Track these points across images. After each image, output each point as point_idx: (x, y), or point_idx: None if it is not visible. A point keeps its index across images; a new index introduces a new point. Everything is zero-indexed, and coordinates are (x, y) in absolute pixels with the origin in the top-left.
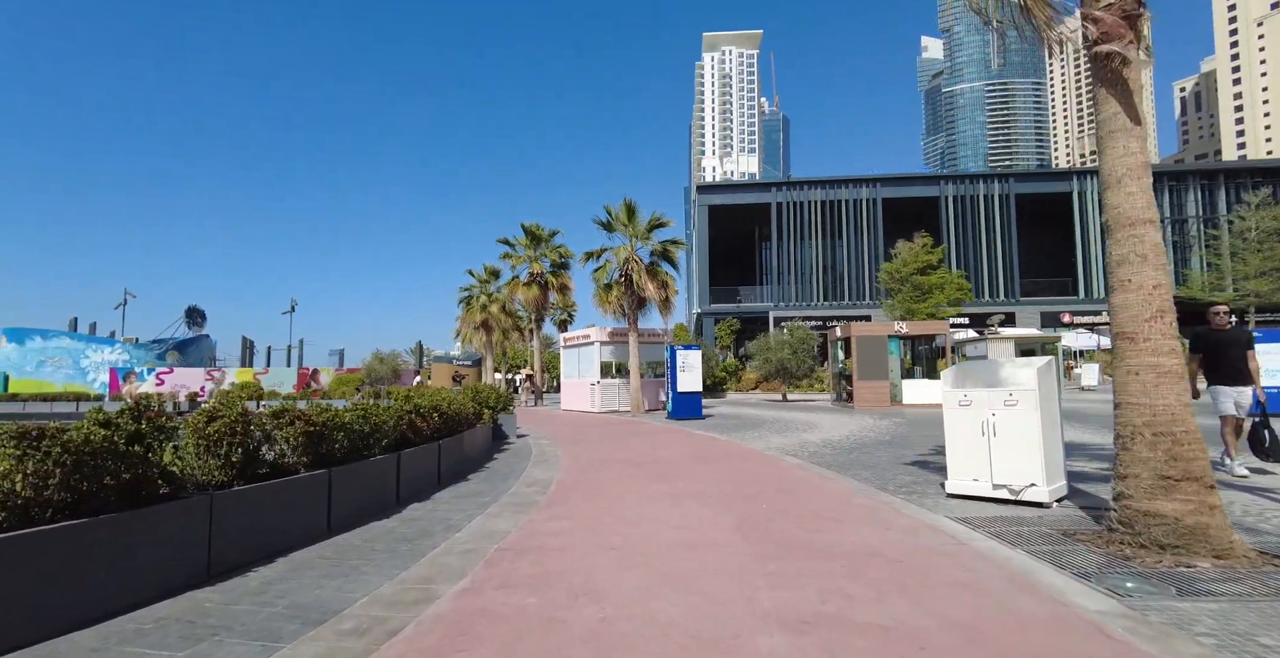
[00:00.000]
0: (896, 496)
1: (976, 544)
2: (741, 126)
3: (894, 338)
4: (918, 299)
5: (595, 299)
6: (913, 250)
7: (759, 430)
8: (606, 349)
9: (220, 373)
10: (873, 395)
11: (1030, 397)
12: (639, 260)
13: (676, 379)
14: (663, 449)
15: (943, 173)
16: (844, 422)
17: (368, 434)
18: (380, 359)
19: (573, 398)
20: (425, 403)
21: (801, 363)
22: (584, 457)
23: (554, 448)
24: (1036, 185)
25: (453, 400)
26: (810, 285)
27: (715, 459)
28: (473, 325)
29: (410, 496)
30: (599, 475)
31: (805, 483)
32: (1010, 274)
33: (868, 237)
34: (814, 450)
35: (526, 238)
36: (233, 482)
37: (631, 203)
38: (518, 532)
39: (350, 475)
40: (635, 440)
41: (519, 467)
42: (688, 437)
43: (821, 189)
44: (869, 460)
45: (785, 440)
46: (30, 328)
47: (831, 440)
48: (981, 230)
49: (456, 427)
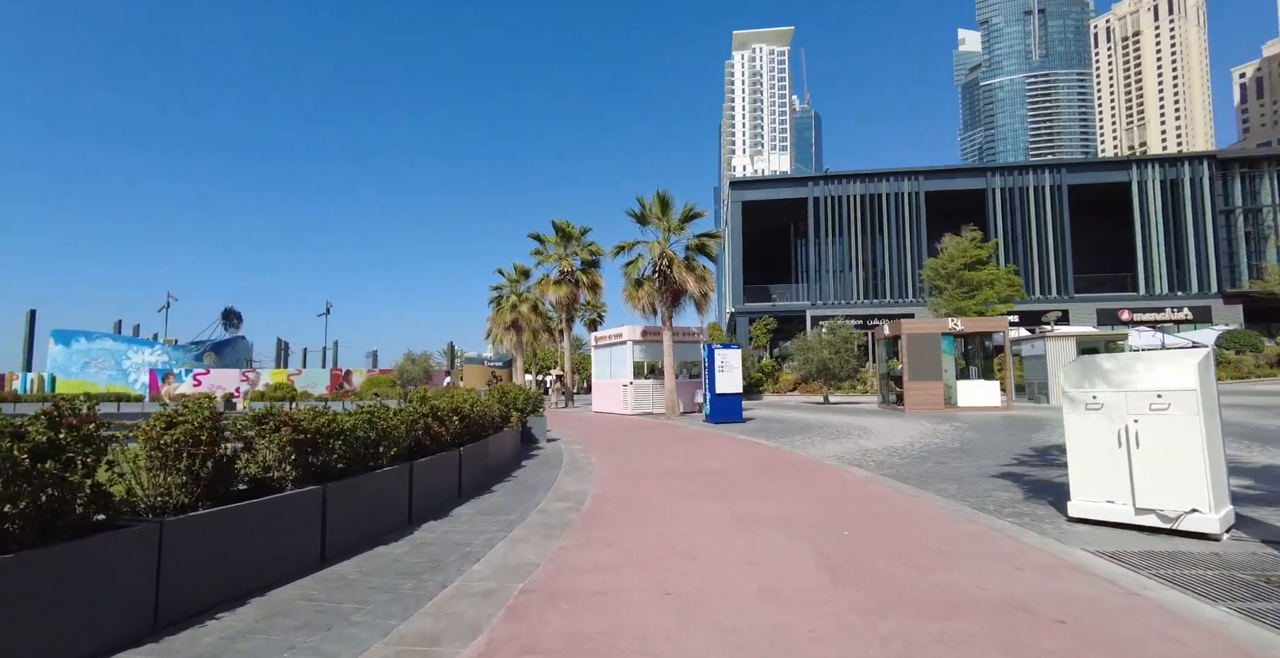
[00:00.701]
0: (1003, 518)
1: (1153, 595)
2: (772, 124)
3: (948, 336)
4: (965, 296)
5: (625, 295)
6: (960, 245)
7: (809, 436)
8: (639, 348)
9: (255, 374)
10: (925, 397)
11: (1188, 399)
12: (674, 255)
13: (715, 380)
14: (709, 458)
15: (990, 164)
16: (899, 426)
17: (374, 442)
18: (412, 360)
19: (604, 399)
20: (444, 405)
21: (845, 363)
22: (621, 465)
23: (586, 455)
24: (1091, 175)
25: (476, 402)
26: (849, 283)
27: (771, 471)
28: (503, 326)
29: (425, 512)
30: (640, 490)
31: (887, 502)
32: (1063, 269)
33: (910, 232)
34: (880, 460)
35: (557, 235)
36: (197, 503)
37: (665, 194)
38: (548, 565)
39: (350, 492)
40: (675, 447)
41: (549, 477)
42: (732, 443)
43: (860, 183)
44: (948, 472)
45: (843, 448)
46: (76, 330)
47: (895, 448)
48: (1031, 224)
49: (480, 432)
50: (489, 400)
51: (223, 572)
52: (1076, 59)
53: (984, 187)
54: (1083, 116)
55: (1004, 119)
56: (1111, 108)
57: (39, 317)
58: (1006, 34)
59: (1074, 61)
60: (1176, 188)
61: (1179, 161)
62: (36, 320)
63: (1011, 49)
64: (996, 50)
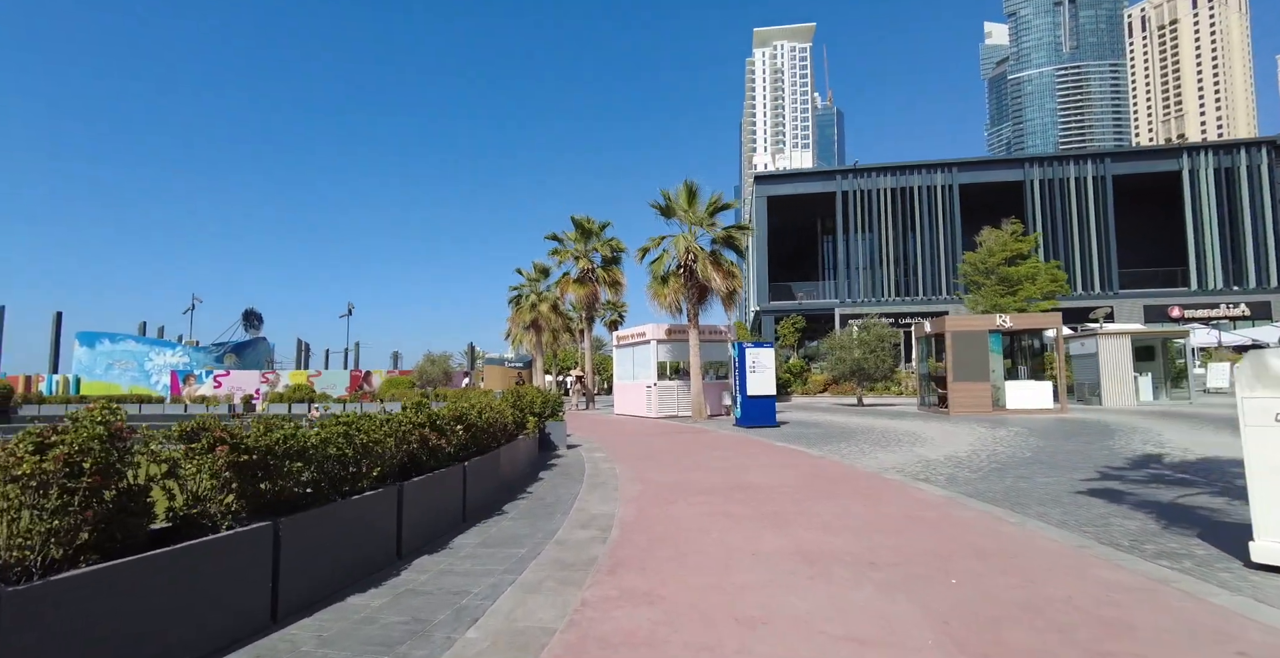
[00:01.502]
0: (1151, 560)
1: None
2: (794, 121)
3: (995, 333)
4: (1005, 292)
5: (650, 292)
6: (1000, 238)
7: (854, 443)
8: (663, 348)
9: (275, 375)
10: (970, 399)
11: None
12: (701, 249)
13: (746, 381)
14: (749, 469)
15: (1028, 155)
16: (951, 431)
17: (352, 460)
18: (431, 361)
19: (626, 401)
20: (446, 413)
21: (880, 363)
22: (649, 477)
23: (610, 464)
24: (1137, 165)
25: (486, 408)
26: (879, 280)
27: (826, 487)
28: (522, 326)
29: (420, 542)
30: (676, 512)
31: (987, 533)
32: (1107, 264)
33: (943, 226)
34: (948, 473)
35: (576, 232)
36: (78, 557)
37: (693, 184)
38: (567, 634)
39: (315, 526)
40: (708, 455)
41: (568, 493)
42: (770, 451)
43: (891, 176)
44: (1039, 490)
45: (899, 458)
46: (100, 332)
47: (959, 458)
48: (1073, 217)
49: (490, 442)
50: (501, 405)
51: (114, 653)
52: (1109, 50)
53: (1021, 178)
54: (1116, 109)
55: (1033, 113)
56: (1147, 99)
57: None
58: (1035, 26)
59: (1106, 52)
60: (1231, 176)
61: (1233, 148)
62: (63, 322)
63: (1041, 41)
64: (1025, 43)
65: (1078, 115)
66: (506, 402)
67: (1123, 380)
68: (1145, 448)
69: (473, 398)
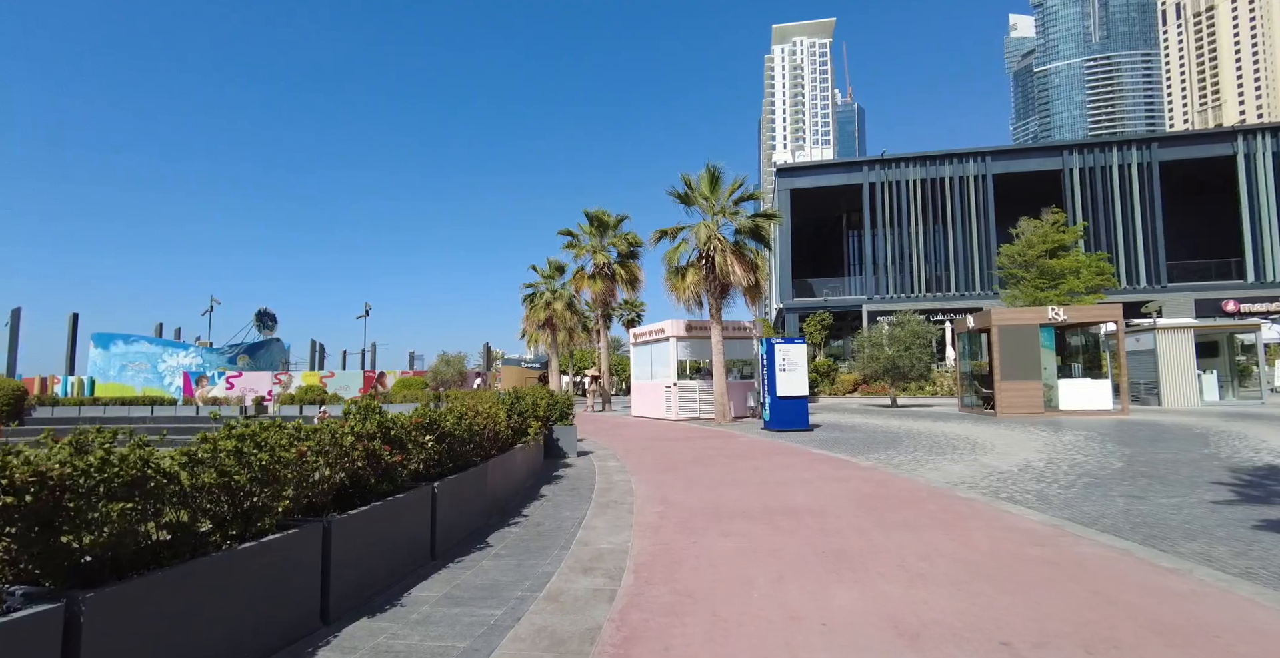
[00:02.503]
0: None
1: None
2: (814, 118)
3: (1048, 328)
4: (1046, 286)
5: (668, 285)
6: (1040, 229)
7: (904, 450)
8: (683, 346)
9: (288, 376)
10: (1020, 400)
11: None
12: (723, 239)
13: (775, 380)
14: (790, 484)
15: (1067, 142)
16: (1007, 435)
17: (243, 490)
18: (446, 361)
19: (644, 403)
20: (408, 419)
21: (916, 361)
22: (671, 497)
23: (625, 477)
24: (1187, 150)
25: (471, 413)
26: (908, 275)
27: (891, 511)
28: (537, 325)
29: (361, 597)
30: (709, 550)
31: (1153, 591)
32: (1153, 257)
33: (976, 219)
34: (1031, 488)
35: (591, 226)
36: None
37: (716, 169)
38: None
39: (157, 597)
40: (738, 465)
41: (573, 517)
42: (810, 460)
43: (920, 166)
44: (1167, 516)
45: (963, 469)
46: (114, 333)
47: (1034, 469)
48: (1116, 206)
49: (473, 455)
50: (494, 409)
51: None
52: (1141, 39)
53: (1059, 167)
54: (1149, 100)
55: (1060, 106)
56: (1182, 89)
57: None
58: (1063, 16)
59: (1138, 42)
60: None
61: None
62: (79, 324)
63: (1069, 32)
64: (1052, 34)
65: (1108, 107)
66: (502, 405)
67: (1185, 379)
68: (1260, 457)
69: (471, 400)
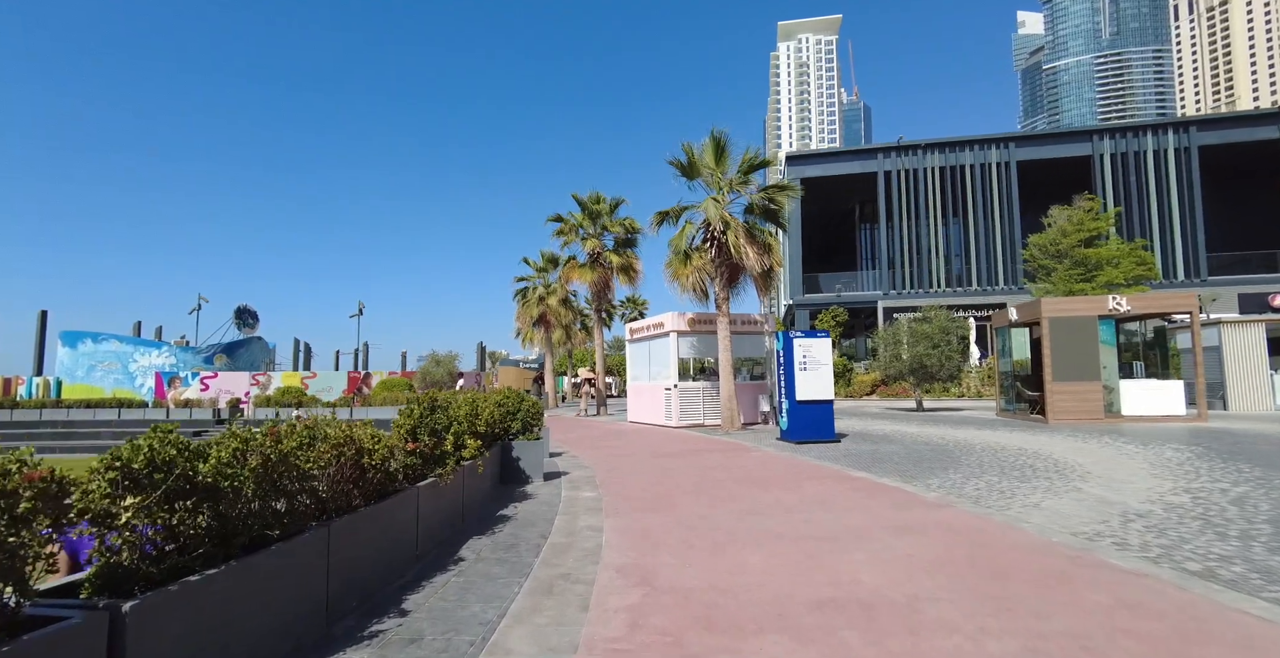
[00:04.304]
0: None
1: None
2: (820, 117)
3: (1107, 320)
4: (1081, 278)
5: (668, 271)
6: (1074, 217)
7: (969, 472)
8: (685, 342)
9: (266, 377)
10: (1075, 404)
11: None
12: (731, 217)
13: (794, 382)
14: (843, 542)
15: (1097, 126)
16: (1092, 451)
17: None
18: (437, 361)
19: (642, 407)
20: (138, 453)
21: (946, 360)
22: (661, 570)
23: (597, 520)
24: (1229, 133)
25: (292, 438)
26: (926, 269)
27: (1026, 603)
28: (530, 322)
29: None
30: None
31: None
32: (1192, 247)
33: (999, 209)
34: (1221, 550)
35: (582, 214)
36: None
37: (721, 137)
38: None
39: None
40: (757, 499)
41: (478, 620)
42: (851, 489)
43: (939, 153)
44: None
45: (1073, 506)
46: (83, 331)
47: (1180, 507)
48: (1151, 195)
49: (300, 517)
50: (400, 427)
51: None
52: (1152, 35)
53: (1089, 153)
54: (1160, 97)
55: (1070, 103)
56: (1195, 85)
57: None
58: (1072, 12)
59: (1149, 37)
60: None
61: None
62: (48, 322)
63: (1078, 28)
64: (1061, 30)
65: (1119, 104)
66: (405, 420)
67: (1256, 380)
68: None
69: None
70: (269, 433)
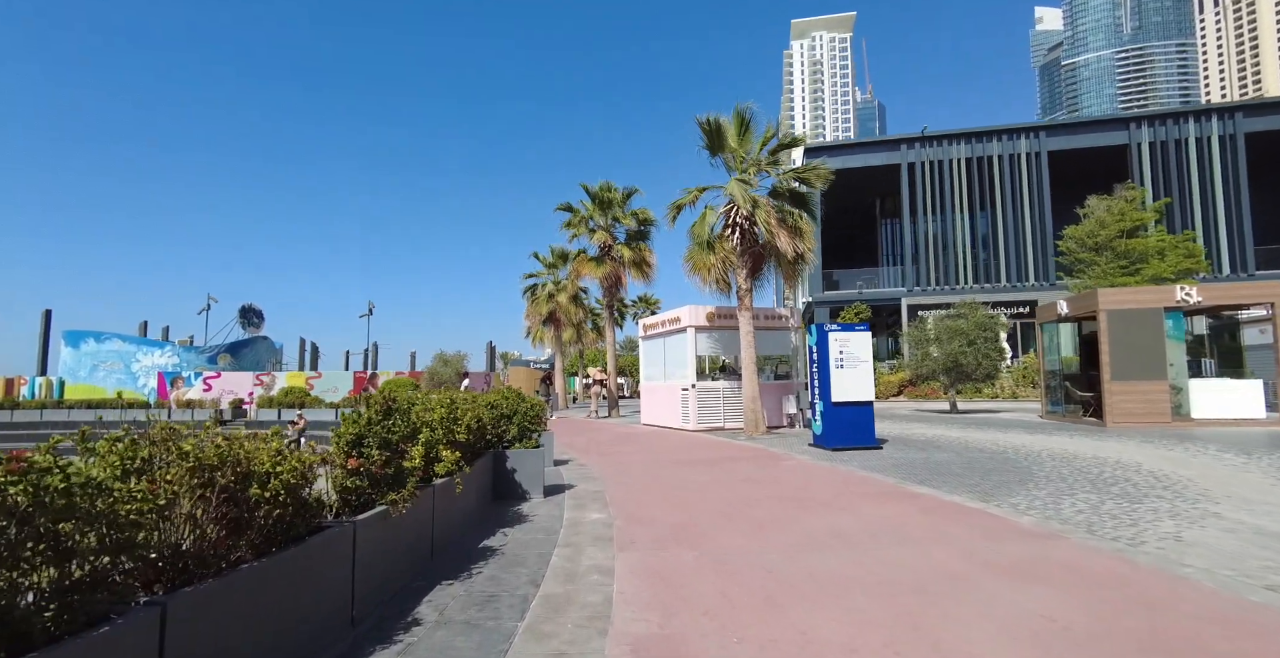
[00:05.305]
0: None
1: None
2: (834, 115)
3: (1175, 312)
4: (1124, 271)
5: (688, 262)
6: (1115, 207)
7: (1053, 488)
8: (703, 338)
9: (270, 377)
10: (1138, 406)
11: None
12: (758, 199)
13: (830, 381)
14: (939, 601)
15: (1135, 113)
16: (1188, 461)
17: None
18: (444, 361)
19: (656, 408)
20: None
21: (984, 358)
22: (706, 638)
23: (607, 553)
24: (1277, 119)
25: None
26: (952, 264)
27: None
28: (540, 320)
29: None
30: None
31: None
32: (1237, 240)
33: (1030, 201)
34: None
35: (592, 204)
36: None
37: (745, 111)
38: None
39: None
40: (806, 525)
41: None
42: (920, 512)
43: (965, 144)
44: None
45: (1222, 537)
46: (86, 331)
47: None
48: (1192, 185)
49: (126, 591)
50: (340, 437)
51: None
52: (1175, 29)
53: (1125, 142)
54: (1184, 92)
55: (1090, 100)
56: (1220, 80)
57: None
58: (1093, 7)
59: (1173, 32)
60: None
61: None
62: (53, 321)
63: (1098, 23)
64: (1081, 26)
65: (1141, 100)
66: (350, 426)
67: None
68: None
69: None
70: (12, 458)
